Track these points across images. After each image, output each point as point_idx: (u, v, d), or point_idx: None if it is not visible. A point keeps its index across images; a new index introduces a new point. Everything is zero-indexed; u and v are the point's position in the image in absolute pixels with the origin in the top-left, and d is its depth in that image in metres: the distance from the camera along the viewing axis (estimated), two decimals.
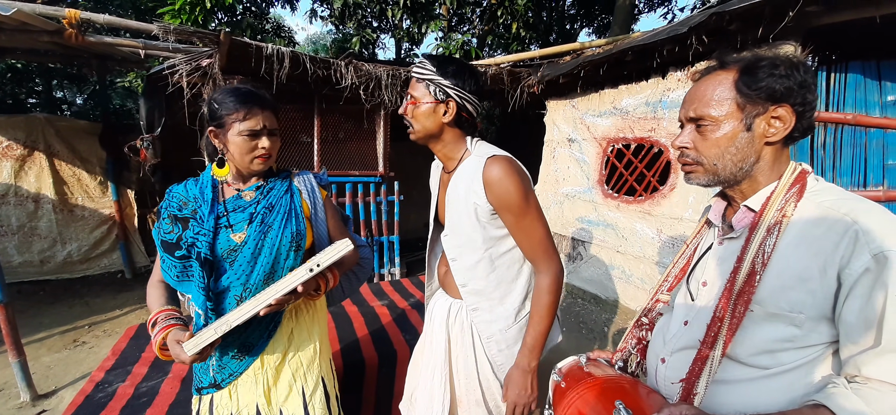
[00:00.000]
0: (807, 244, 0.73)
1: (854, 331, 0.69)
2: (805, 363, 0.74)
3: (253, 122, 1.11)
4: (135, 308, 4.07)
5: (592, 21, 9.93)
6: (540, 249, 1.14)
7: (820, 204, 0.74)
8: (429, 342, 1.34)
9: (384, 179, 4.41)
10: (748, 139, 0.79)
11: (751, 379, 0.77)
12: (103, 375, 1.81)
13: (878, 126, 2.52)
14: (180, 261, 1.13)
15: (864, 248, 0.67)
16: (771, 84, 0.75)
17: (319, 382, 1.25)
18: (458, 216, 1.19)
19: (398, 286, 2.96)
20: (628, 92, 3.61)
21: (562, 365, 1.00)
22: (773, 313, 0.75)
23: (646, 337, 1.01)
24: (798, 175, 0.79)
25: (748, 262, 0.76)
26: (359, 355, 1.95)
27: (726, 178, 0.83)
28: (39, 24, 2.91)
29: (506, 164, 1.10)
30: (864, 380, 0.68)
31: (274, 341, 1.18)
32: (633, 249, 3.63)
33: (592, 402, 0.81)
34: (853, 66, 2.53)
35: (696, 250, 0.94)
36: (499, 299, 1.21)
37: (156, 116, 3.58)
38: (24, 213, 4.49)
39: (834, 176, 2.60)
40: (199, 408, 1.20)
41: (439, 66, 1.13)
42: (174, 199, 1.17)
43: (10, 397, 2.63)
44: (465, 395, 1.25)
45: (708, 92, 0.80)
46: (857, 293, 0.68)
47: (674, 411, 0.69)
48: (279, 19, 9.28)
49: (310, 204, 1.27)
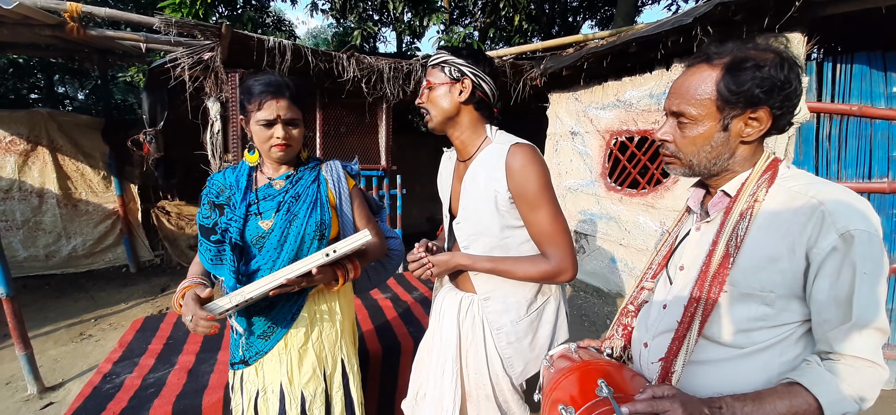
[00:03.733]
0: (776, 226, 0.75)
1: (825, 309, 0.72)
2: (779, 341, 0.77)
3: (267, 111, 1.14)
4: (140, 302, 4.10)
5: (595, 13, 9.86)
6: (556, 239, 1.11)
7: (789, 189, 0.77)
8: (438, 339, 1.32)
9: (386, 172, 4.41)
10: (724, 139, 0.81)
11: (727, 359, 0.80)
12: (111, 366, 1.82)
13: (884, 117, 2.50)
14: (215, 245, 1.18)
15: (830, 227, 0.70)
16: (752, 89, 0.75)
17: (339, 364, 1.29)
18: (474, 204, 1.18)
19: (401, 280, 2.97)
20: (632, 84, 3.59)
21: (553, 352, 1.03)
22: (746, 293, 0.77)
23: (631, 324, 1.03)
24: (770, 163, 0.81)
25: (722, 245, 0.80)
26: (363, 347, 1.95)
27: (702, 172, 0.86)
28: (41, 18, 2.91)
29: (529, 152, 1.11)
30: (837, 356, 0.71)
31: (297, 324, 1.22)
32: (636, 241, 3.62)
33: (577, 382, 0.85)
34: (859, 57, 2.51)
35: (676, 238, 0.96)
36: (511, 290, 1.20)
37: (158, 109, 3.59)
38: (28, 208, 4.51)
39: (839, 168, 2.58)
40: (233, 382, 1.27)
41: (453, 50, 1.17)
42: (214, 186, 1.23)
43: (18, 390, 2.66)
44: (474, 390, 1.25)
45: (690, 88, 0.81)
46: (826, 272, 0.71)
47: (656, 391, 0.71)
48: (280, 13, 9.23)
49: (335, 194, 1.29)
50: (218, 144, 3.34)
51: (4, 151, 4.38)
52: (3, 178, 4.38)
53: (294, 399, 1.19)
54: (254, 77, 1.19)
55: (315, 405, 1.22)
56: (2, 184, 4.38)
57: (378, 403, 1.94)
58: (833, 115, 2.57)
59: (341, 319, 1.31)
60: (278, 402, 1.19)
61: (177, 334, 2.15)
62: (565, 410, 0.78)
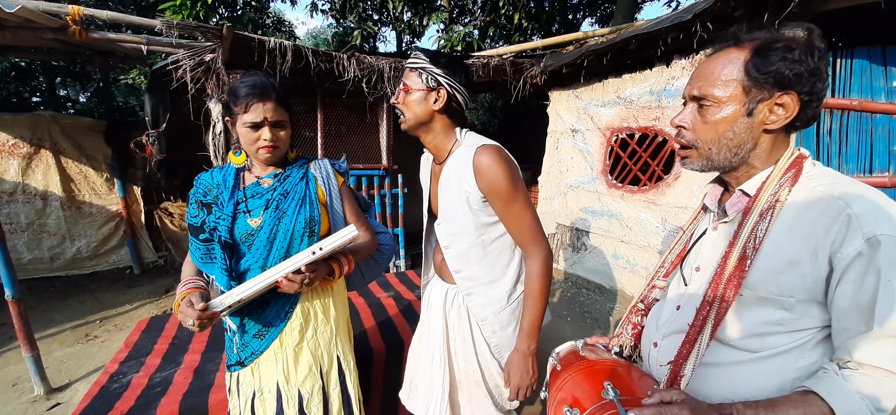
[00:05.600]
0: (798, 228, 0.72)
1: (846, 316, 0.69)
2: (795, 347, 0.74)
3: (253, 114, 1.13)
4: (145, 303, 4.13)
5: (595, 11, 9.84)
6: (528, 233, 1.17)
7: (813, 188, 0.73)
8: (427, 329, 1.37)
9: (388, 171, 4.42)
10: (747, 125, 0.77)
11: (740, 362, 0.77)
12: (117, 366, 1.84)
13: (884, 112, 2.51)
14: (204, 243, 1.19)
15: (856, 232, 0.66)
16: (781, 69, 0.72)
17: (335, 362, 1.29)
18: (450, 205, 1.22)
19: (403, 278, 2.98)
20: (632, 81, 3.60)
21: (559, 350, 1.02)
22: (764, 297, 0.74)
23: (641, 323, 1.01)
24: (794, 160, 0.77)
25: (740, 246, 0.76)
26: (367, 344, 1.97)
27: (720, 164, 0.81)
28: (43, 22, 2.93)
29: (495, 152, 1.14)
30: (856, 366, 0.67)
31: (291, 323, 1.23)
32: (638, 238, 3.63)
33: (583, 383, 0.83)
34: (859, 52, 2.51)
35: (691, 236, 0.93)
36: (491, 283, 1.24)
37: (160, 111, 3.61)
38: (32, 210, 4.53)
39: (840, 162, 2.59)
40: (230, 385, 1.27)
41: (432, 57, 1.18)
42: (201, 185, 1.24)
43: (24, 391, 2.67)
44: (464, 377, 1.29)
45: (716, 70, 0.78)
46: (850, 278, 0.67)
47: (664, 396, 0.69)
48: (279, 13, 9.26)
49: (325, 191, 1.30)
50: (220, 144, 3.35)
51: (8, 154, 4.41)
52: (7, 181, 4.40)
53: (291, 398, 1.20)
54: (240, 79, 1.19)
55: (313, 403, 1.22)
56: (5, 187, 4.40)
57: (382, 397, 1.96)
58: (834, 109, 2.57)
59: (336, 316, 1.31)
60: (275, 401, 1.19)
61: (182, 334, 2.17)
62: (570, 411, 0.76)
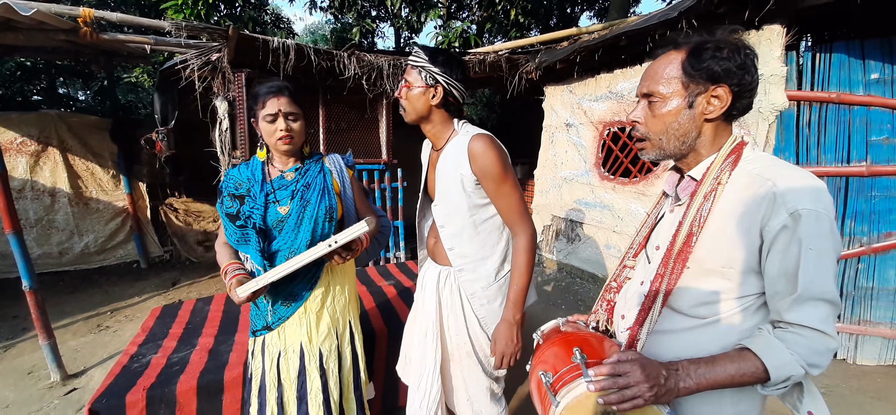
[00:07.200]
0: (736, 207, 0.82)
1: (775, 282, 0.79)
2: (738, 312, 0.85)
3: (270, 107, 1.34)
4: (153, 294, 4.25)
5: (593, 4, 9.90)
6: (516, 212, 1.31)
7: (749, 172, 0.83)
8: (421, 307, 1.51)
9: (387, 166, 4.53)
10: (690, 116, 0.87)
11: (690, 328, 0.88)
12: (136, 348, 1.97)
13: (862, 104, 2.61)
14: (239, 229, 1.37)
15: (781, 207, 0.76)
16: (711, 66, 0.83)
17: (348, 325, 1.51)
18: (446, 187, 1.36)
19: (403, 267, 3.11)
20: (623, 76, 3.71)
21: (543, 327, 1.13)
22: (709, 269, 0.85)
23: (614, 299, 1.12)
24: (735, 147, 0.87)
25: (686, 226, 0.86)
26: (369, 327, 2.10)
27: (671, 152, 0.91)
28: (57, 24, 3.02)
29: (487, 139, 1.27)
30: (786, 326, 0.78)
31: (314, 292, 1.43)
32: (629, 228, 3.76)
33: (558, 351, 0.93)
34: (838, 47, 2.62)
35: (656, 219, 1.04)
36: (481, 261, 1.38)
37: (169, 109, 3.72)
38: (41, 207, 4.66)
39: (818, 152, 2.70)
40: (254, 348, 1.46)
41: (431, 55, 1.31)
42: (231, 180, 1.41)
43: (40, 378, 2.79)
44: (456, 349, 1.42)
45: (660, 70, 0.89)
46: (777, 248, 0.77)
47: (621, 356, 0.81)
48: (277, 10, 9.30)
49: (339, 182, 1.49)
50: (226, 141, 3.47)
51: (16, 152, 4.52)
52: (16, 178, 4.52)
53: (313, 355, 1.41)
54: (259, 84, 1.39)
55: (331, 359, 1.44)
56: (14, 184, 4.51)
57: (384, 375, 2.09)
58: (813, 102, 2.68)
59: (349, 287, 1.53)
60: (299, 359, 1.40)
61: (195, 320, 2.30)
62: (544, 375, 0.87)
